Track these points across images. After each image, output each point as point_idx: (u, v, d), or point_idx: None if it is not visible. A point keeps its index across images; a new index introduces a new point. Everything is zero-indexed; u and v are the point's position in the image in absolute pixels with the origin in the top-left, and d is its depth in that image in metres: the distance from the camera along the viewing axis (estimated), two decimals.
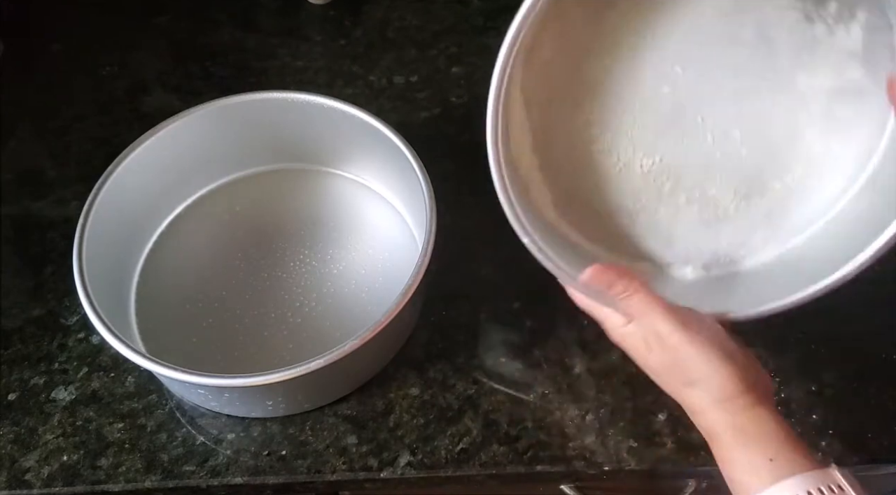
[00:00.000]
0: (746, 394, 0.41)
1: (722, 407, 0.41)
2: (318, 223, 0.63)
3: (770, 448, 0.39)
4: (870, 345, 0.57)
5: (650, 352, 0.43)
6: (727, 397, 0.41)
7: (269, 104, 0.60)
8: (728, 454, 0.41)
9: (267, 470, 0.52)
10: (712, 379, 0.41)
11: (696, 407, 0.42)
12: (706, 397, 0.42)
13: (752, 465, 0.39)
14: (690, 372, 0.42)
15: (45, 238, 0.63)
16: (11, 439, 0.53)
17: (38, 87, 0.74)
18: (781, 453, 0.39)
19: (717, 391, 0.41)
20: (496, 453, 0.52)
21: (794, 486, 0.37)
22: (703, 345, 0.41)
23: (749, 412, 0.41)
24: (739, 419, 0.41)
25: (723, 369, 0.41)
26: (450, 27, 0.78)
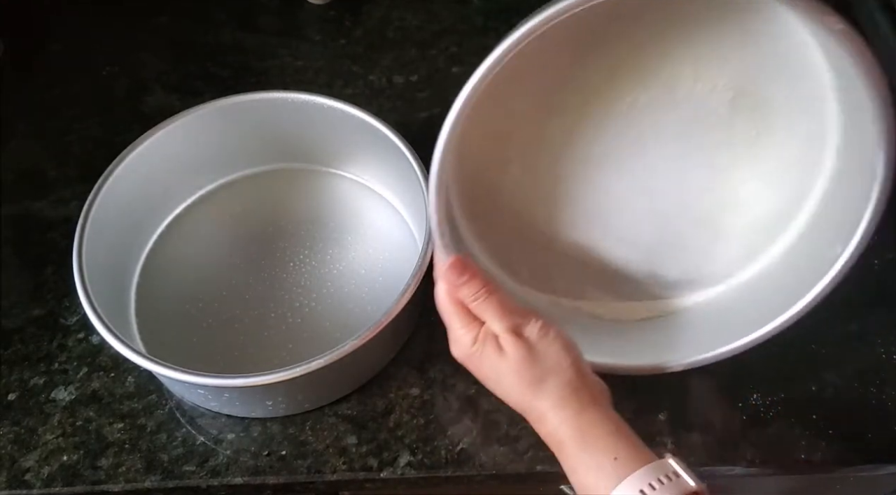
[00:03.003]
0: (585, 390, 0.43)
1: (565, 407, 0.43)
2: (318, 223, 0.63)
3: (612, 447, 0.41)
4: (870, 345, 0.57)
5: (503, 354, 0.44)
6: (571, 391, 0.43)
7: (269, 104, 0.60)
8: (575, 460, 0.42)
9: (267, 471, 0.52)
10: (561, 370, 0.43)
11: (542, 410, 0.43)
12: (551, 397, 0.43)
13: (598, 467, 0.41)
14: (543, 364, 0.43)
15: (45, 238, 0.63)
16: (11, 439, 0.53)
17: (38, 87, 0.74)
18: (623, 450, 0.41)
19: (564, 384, 0.43)
20: (496, 453, 0.52)
21: (638, 480, 0.39)
22: (556, 337, 0.44)
23: (589, 411, 0.42)
24: (581, 420, 0.42)
25: (569, 360, 0.43)
26: (450, 27, 0.78)
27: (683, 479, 0.39)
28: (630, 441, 0.42)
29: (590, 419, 0.42)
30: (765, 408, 0.54)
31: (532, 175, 0.53)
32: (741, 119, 0.50)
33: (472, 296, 0.44)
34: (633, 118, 0.50)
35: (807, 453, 0.52)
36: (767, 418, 0.54)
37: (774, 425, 0.53)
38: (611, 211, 0.54)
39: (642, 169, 0.52)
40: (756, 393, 0.55)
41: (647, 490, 0.39)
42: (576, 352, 0.44)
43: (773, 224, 0.53)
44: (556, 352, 0.43)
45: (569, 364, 0.43)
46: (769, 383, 0.55)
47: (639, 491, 0.39)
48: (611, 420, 0.43)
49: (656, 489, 0.39)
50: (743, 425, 0.53)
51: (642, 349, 0.53)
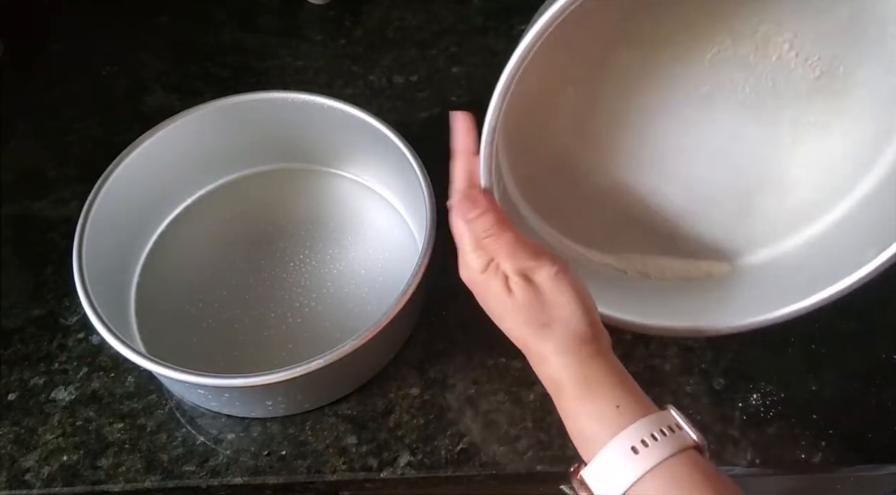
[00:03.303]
0: (593, 342, 0.42)
1: (569, 354, 0.41)
2: (318, 223, 0.63)
3: (615, 396, 0.40)
4: (870, 345, 0.57)
5: (509, 292, 0.42)
6: (575, 344, 0.41)
7: (269, 104, 0.60)
8: (575, 405, 0.41)
9: (267, 471, 0.52)
10: (568, 323, 0.42)
11: (544, 353, 0.42)
12: (556, 343, 0.42)
13: (599, 414, 0.40)
14: (552, 311, 0.42)
15: (45, 238, 0.63)
16: (11, 439, 0.53)
17: (38, 87, 0.74)
18: (625, 400, 0.40)
19: (571, 335, 0.41)
20: (496, 453, 0.52)
21: (639, 430, 0.38)
22: (570, 282, 0.42)
23: (595, 360, 0.41)
24: (585, 368, 0.41)
25: (580, 312, 0.42)
26: (450, 27, 0.78)
27: (686, 432, 0.39)
28: (633, 391, 0.41)
29: (594, 367, 0.41)
30: (765, 408, 0.54)
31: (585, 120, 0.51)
32: (819, 100, 0.48)
33: (484, 233, 0.42)
34: (709, 74, 0.48)
35: (807, 453, 0.52)
36: (767, 418, 0.54)
37: (774, 425, 0.53)
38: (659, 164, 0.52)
39: (700, 127, 0.50)
40: (756, 393, 0.55)
41: (648, 439, 0.38)
42: (588, 301, 0.42)
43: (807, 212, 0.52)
44: (567, 301, 0.42)
45: (579, 314, 0.42)
46: (769, 383, 0.55)
47: (640, 440, 0.38)
48: (615, 369, 0.41)
49: (657, 440, 0.38)
50: (743, 425, 0.53)
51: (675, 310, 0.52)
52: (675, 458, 0.37)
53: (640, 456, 0.37)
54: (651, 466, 0.37)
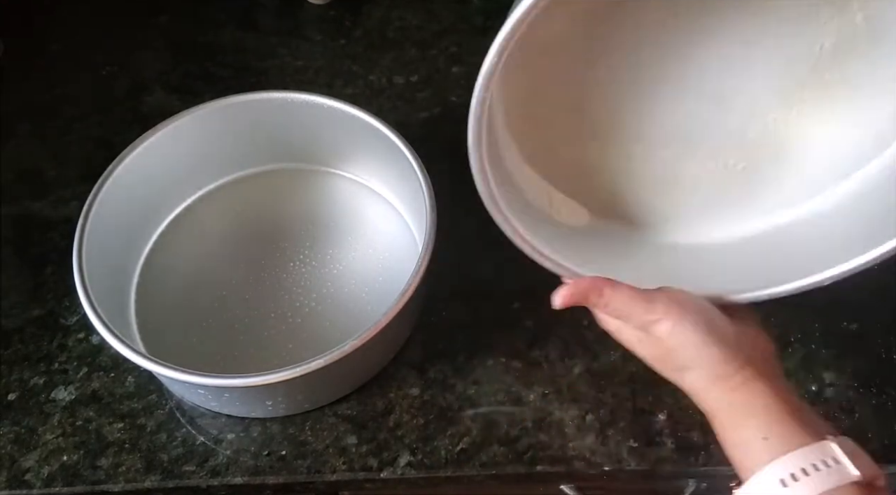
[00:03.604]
0: (739, 372, 0.41)
1: (716, 386, 0.41)
2: (318, 223, 0.63)
3: (763, 426, 0.39)
4: (870, 345, 0.57)
5: (641, 344, 0.44)
6: (719, 377, 0.41)
7: (269, 104, 0.60)
8: (726, 434, 0.41)
9: (267, 471, 0.52)
10: (701, 365, 0.42)
11: (692, 390, 0.43)
12: (700, 380, 0.42)
13: (746, 446, 0.39)
14: (679, 361, 0.42)
15: (45, 238, 0.63)
16: (11, 439, 0.53)
17: (38, 87, 0.74)
18: (775, 430, 0.39)
19: (708, 374, 0.41)
20: (496, 453, 0.52)
21: (788, 464, 0.37)
22: (687, 332, 0.41)
23: (742, 389, 0.40)
24: (733, 397, 0.41)
25: (709, 353, 0.41)
26: (450, 27, 0.78)
27: (844, 466, 0.36)
28: (788, 420, 0.39)
29: (744, 396, 0.40)
30: None
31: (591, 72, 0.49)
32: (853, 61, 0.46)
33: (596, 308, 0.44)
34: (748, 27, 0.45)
35: None
36: None
37: None
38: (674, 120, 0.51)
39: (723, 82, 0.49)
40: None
41: (799, 474, 0.36)
42: (715, 338, 0.41)
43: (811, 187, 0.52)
44: (692, 349, 0.41)
45: (710, 354, 0.41)
46: None
47: (789, 474, 0.36)
48: (770, 395, 0.40)
49: (809, 475, 0.35)
50: None
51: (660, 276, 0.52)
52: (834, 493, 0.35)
53: (788, 490, 0.36)
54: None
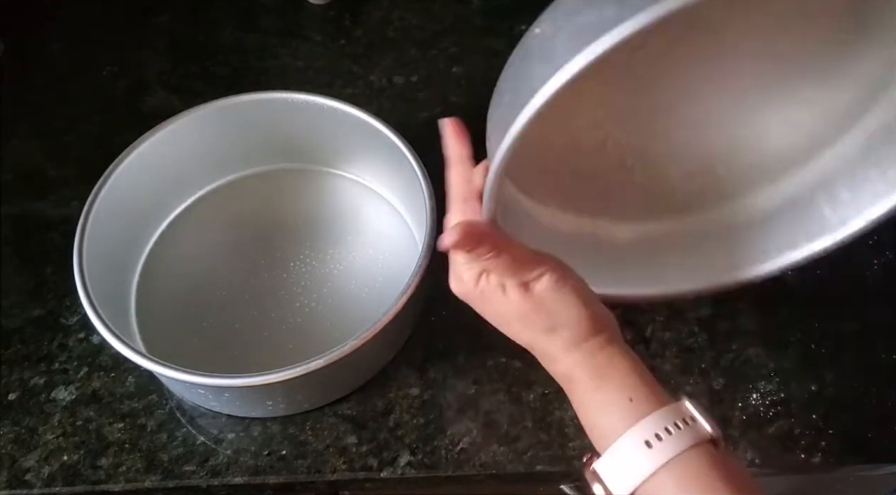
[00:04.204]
0: (600, 334, 0.41)
1: (578, 350, 0.41)
2: (318, 223, 0.63)
3: (627, 387, 0.40)
4: (870, 345, 0.57)
5: (506, 303, 0.42)
6: (583, 339, 0.41)
7: (269, 104, 0.60)
8: (588, 398, 0.41)
9: (267, 470, 0.52)
10: (571, 326, 0.41)
11: (553, 353, 0.42)
12: (564, 342, 0.41)
13: (611, 407, 0.39)
14: (554, 318, 0.41)
15: (45, 238, 0.63)
16: (11, 439, 0.53)
17: (38, 87, 0.74)
18: (639, 392, 0.39)
19: (576, 334, 0.41)
20: (496, 453, 0.52)
21: (653, 423, 0.37)
22: (567, 289, 0.41)
23: (604, 352, 0.41)
24: (596, 360, 0.41)
25: (584, 313, 0.41)
26: (450, 27, 0.78)
27: (700, 424, 0.38)
28: (647, 381, 0.40)
29: (605, 357, 0.41)
30: (765, 408, 0.54)
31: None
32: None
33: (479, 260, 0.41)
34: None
35: (807, 453, 0.52)
36: (767, 418, 0.54)
37: (774, 425, 0.53)
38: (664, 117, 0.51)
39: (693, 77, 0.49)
40: (756, 393, 0.55)
41: (663, 433, 0.37)
42: (589, 298, 0.42)
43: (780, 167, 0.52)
44: (571, 306, 0.41)
45: (584, 314, 0.41)
46: (769, 383, 0.55)
47: (654, 434, 0.37)
48: (628, 358, 0.41)
49: (672, 433, 0.37)
50: (743, 425, 0.53)
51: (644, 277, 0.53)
52: (690, 452, 0.37)
53: (653, 451, 0.37)
54: (665, 461, 0.36)
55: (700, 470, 0.37)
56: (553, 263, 0.42)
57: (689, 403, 0.39)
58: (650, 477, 0.36)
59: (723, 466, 0.37)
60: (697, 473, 0.37)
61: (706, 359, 0.56)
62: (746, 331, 0.57)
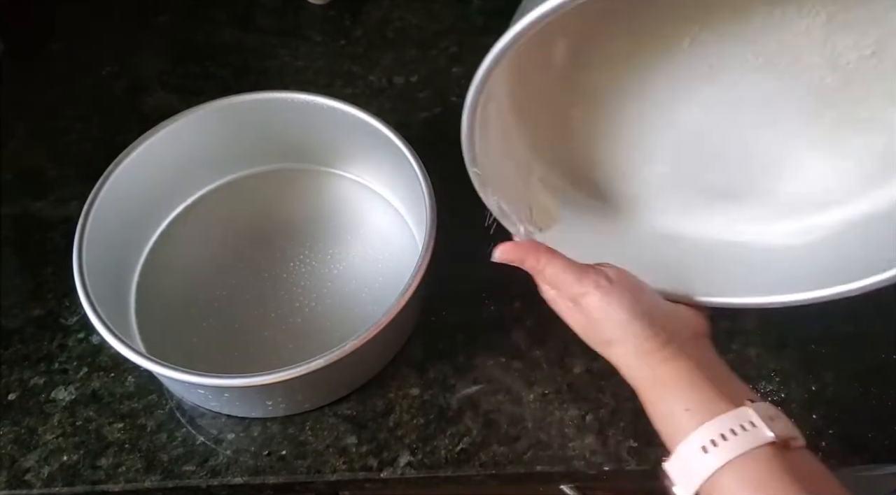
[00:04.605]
0: (663, 348, 0.42)
1: (641, 361, 0.43)
2: (318, 223, 0.63)
3: (686, 398, 0.41)
4: (870, 345, 0.57)
5: (571, 314, 0.46)
6: (644, 352, 0.43)
7: (269, 104, 0.60)
8: (651, 408, 0.43)
9: (267, 470, 0.52)
10: (625, 340, 0.43)
11: (619, 363, 0.44)
12: (625, 354, 0.43)
13: (671, 417, 0.41)
14: (605, 334, 0.44)
15: (45, 238, 0.63)
16: (11, 439, 0.53)
17: (38, 87, 0.74)
18: (696, 401, 0.40)
19: (633, 349, 0.43)
20: (496, 453, 0.52)
21: (708, 431, 0.38)
22: (612, 306, 0.43)
23: (666, 365, 0.42)
24: (657, 372, 0.42)
25: (633, 329, 0.43)
26: (450, 27, 0.78)
27: (760, 429, 0.38)
28: (709, 390, 0.41)
29: (664, 372, 0.42)
30: None
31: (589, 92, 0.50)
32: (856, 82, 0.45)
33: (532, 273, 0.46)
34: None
35: None
36: None
37: None
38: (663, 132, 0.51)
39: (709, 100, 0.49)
40: (756, 393, 0.55)
41: (718, 440, 0.38)
42: (642, 313, 0.43)
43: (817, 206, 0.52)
44: (617, 323, 0.43)
45: (635, 330, 0.43)
46: (769, 383, 0.55)
47: (709, 440, 0.38)
48: (692, 369, 0.42)
49: (727, 439, 0.38)
50: None
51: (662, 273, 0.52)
52: (749, 456, 0.37)
53: (709, 456, 0.38)
54: (720, 464, 0.37)
55: (761, 470, 0.37)
56: (598, 279, 0.44)
57: (751, 409, 0.39)
58: (709, 479, 0.38)
59: (788, 466, 0.37)
60: (758, 473, 0.37)
61: None
62: (746, 331, 0.57)
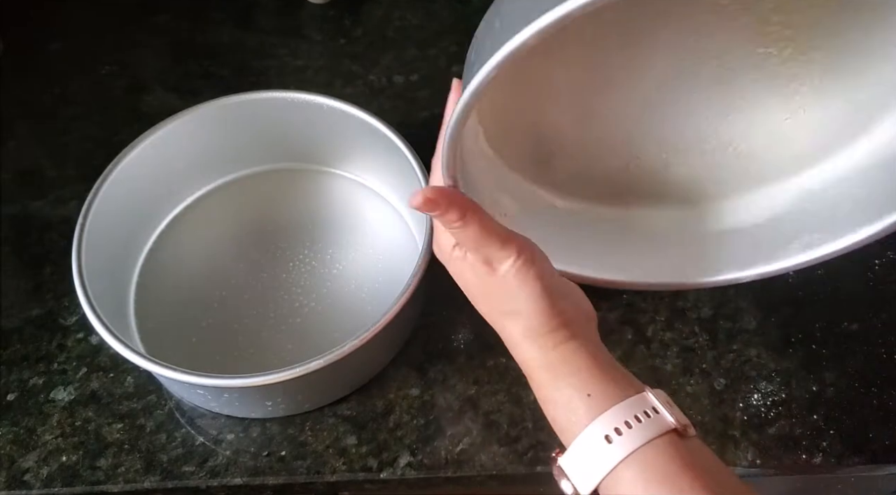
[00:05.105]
0: (559, 330, 0.40)
1: (534, 341, 0.40)
2: (318, 223, 0.63)
3: (585, 383, 0.39)
4: (870, 345, 0.57)
5: (474, 277, 0.42)
6: (540, 333, 0.40)
7: (269, 104, 0.60)
8: (545, 393, 0.40)
9: (266, 471, 0.52)
10: (526, 315, 0.40)
11: (511, 339, 0.42)
12: (522, 330, 0.41)
13: (569, 404, 0.39)
14: (507, 304, 0.41)
15: (45, 238, 0.63)
16: (10, 439, 0.53)
17: (38, 86, 0.74)
18: (598, 386, 0.38)
19: (534, 326, 0.40)
20: (496, 453, 0.52)
21: (611, 418, 0.37)
22: (529, 276, 0.40)
23: (561, 348, 0.40)
24: (552, 356, 0.40)
25: (539, 305, 0.40)
26: (450, 27, 0.78)
27: (663, 416, 0.37)
28: (608, 375, 0.39)
29: (563, 354, 0.40)
30: (765, 408, 0.54)
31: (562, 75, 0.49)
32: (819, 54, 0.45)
33: (450, 226, 0.40)
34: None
35: (807, 453, 0.52)
36: (768, 418, 0.54)
37: (775, 425, 0.53)
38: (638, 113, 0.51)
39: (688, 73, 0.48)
40: (756, 393, 0.55)
41: (623, 427, 0.36)
42: (553, 291, 0.40)
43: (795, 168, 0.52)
44: (530, 295, 0.40)
45: (544, 307, 0.40)
46: (770, 383, 0.55)
47: (613, 429, 0.36)
48: (588, 354, 0.40)
49: (632, 427, 0.36)
50: (743, 425, 0.53)
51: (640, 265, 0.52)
52: (650, 446, 0.36)
53: (613, 445, 0.36)
54: (625, 455, 0.36)
55: (663, 460, 0.36)
56: (523, 246, 0.41)
57: (651, 395, 0.38)
58: (612, 471, 0.36)
59: (689, 455, 0.36)
60: (660, 464, 0.36)
61: (707, 359, 0.56)
62: (747, 332, 0.57)
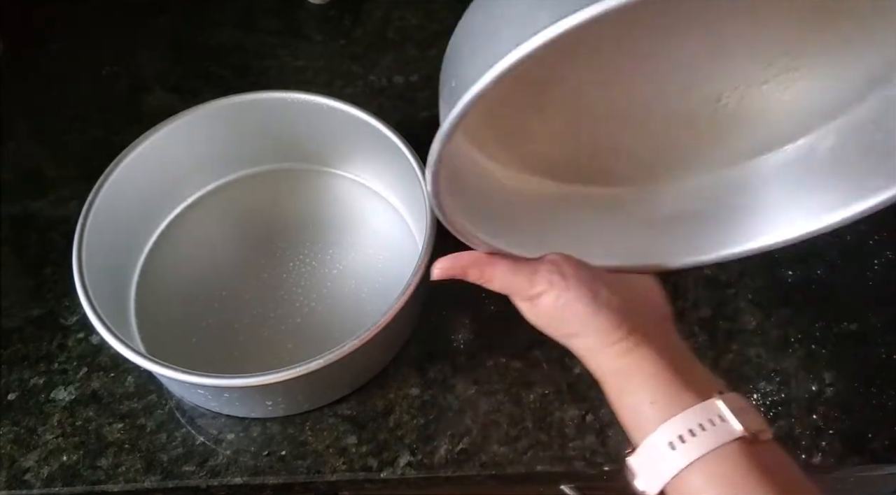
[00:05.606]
0: (626, 338, 0.41)
1: (604, 352, 0.41)
2: (318, 223, 0.63)
3: (650, 390, 0.39)
4: (870, 345, 0.57)
5: (528, 313, 0.44)
6: (602, 347, 0.41)
7: (269, 104, 0.60)
8: (615, 399, 0.41)
9: (267, 471, 0.52)
10: (588, 333, 0.42)
11: (582, 354, 0.43)
12: (584, 349, 0.42)
13: (635, 411, 0.39)
14: (564, 328, 0.43)
15: (45, 238, 0.63)
16: (11, 439, 0.53)
17: (38, 87, 0.74)
18: (662, 394, 0.39)
19: (593, 343, 0.42)
20: (496, 453, 0.52)
21: (675, 427, 0.37)
22: (571, 303, 0.41)
23: (630, 355, 0.40)
24: (618, 364, 0.41)
25: (595, 322, 0.41)
26: (450, 27, 0.77)
27: (729, 424, 0.36)
28: (678, 380, 0.39)
29: (630, 362, 0.40)
30: (765, 408, 0.54)
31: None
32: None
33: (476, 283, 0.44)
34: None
35: (807, 453, 0.52)
36: (767, 418, 0.54)
37: (774, 425, 0.53)
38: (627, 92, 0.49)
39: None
40: (756, 393, 0.55)
41: (687, 435, 0.36)
42: (602, 307, 0.41)
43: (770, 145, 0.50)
44: (576, 318, 0.41)
45: (595, 326, 0.41)
46: (769, 383, 0.55)
47: (677, 436, 0.36)
48: (658, 359, 0.40)
49: (696, 435, 0.36)
50: None
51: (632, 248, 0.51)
52: (716, 453, 0.36)
53: (676, 452, 0.36)
54: (688, 462, 0.36)
55: (729, 468, 0.36)
56: (552, 276, 0.42)
57: (720, 402, 0.38)
58: (678, 476, 0.36)
59: (758, 463, 0.36)
60: (726, 472, 0.36)
61: (707, 359, 0.56)
62: (747, 332, 0.57)
